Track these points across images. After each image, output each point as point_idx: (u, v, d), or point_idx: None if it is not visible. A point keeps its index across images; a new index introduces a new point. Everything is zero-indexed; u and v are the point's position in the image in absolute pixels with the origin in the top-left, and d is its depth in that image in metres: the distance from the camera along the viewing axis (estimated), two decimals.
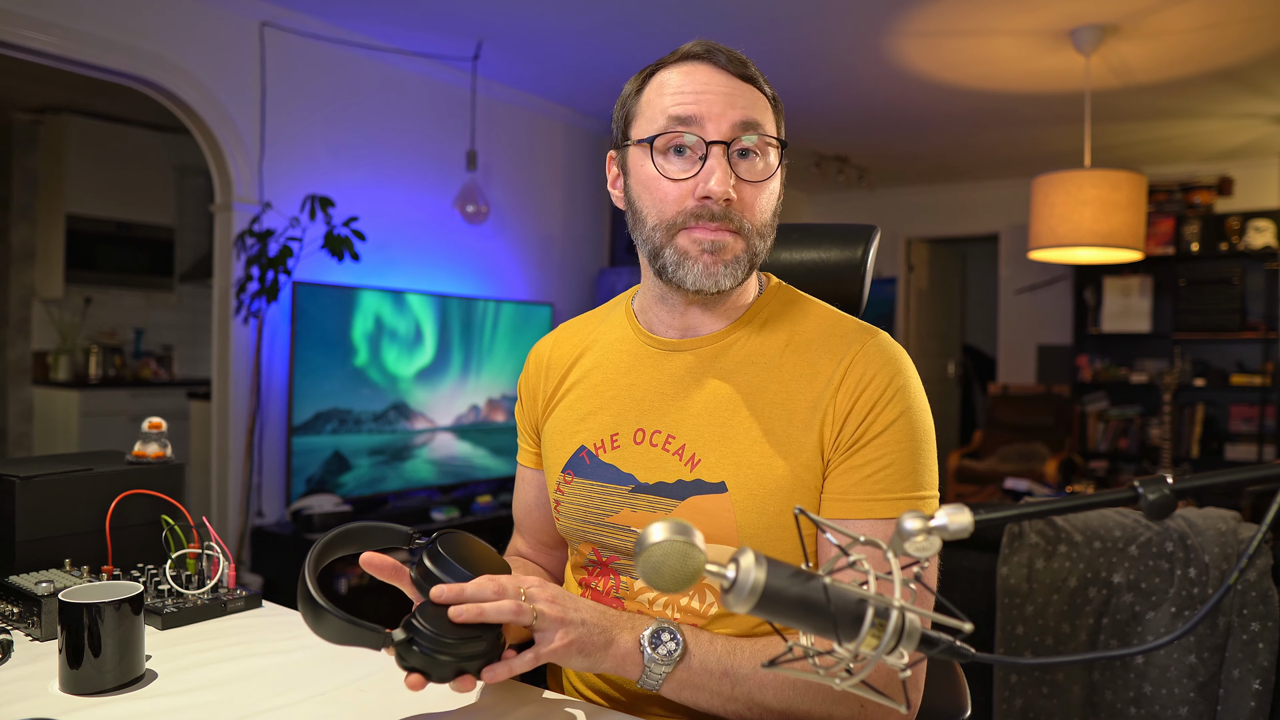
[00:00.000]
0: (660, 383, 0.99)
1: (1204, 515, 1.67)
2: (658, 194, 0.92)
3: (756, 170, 0.92)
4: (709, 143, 0.89)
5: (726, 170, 0.88)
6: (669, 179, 0.91)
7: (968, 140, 5.20)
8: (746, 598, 0.55)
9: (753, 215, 0.92)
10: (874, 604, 0.56)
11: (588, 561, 1.02)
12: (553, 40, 3.75)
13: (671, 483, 0.94)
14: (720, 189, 0.88)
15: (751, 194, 0.91)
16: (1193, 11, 3.20)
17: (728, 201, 0.89)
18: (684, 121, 0.89)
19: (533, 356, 1.13)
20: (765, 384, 0.94)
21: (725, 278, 0.91)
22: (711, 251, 0.90)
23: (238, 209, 3.44)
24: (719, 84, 0.90)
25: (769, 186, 0.93)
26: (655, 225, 0.93)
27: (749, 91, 0.91)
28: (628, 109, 0.96)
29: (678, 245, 0.91)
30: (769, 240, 0.96)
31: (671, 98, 0.91)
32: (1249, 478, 0.56)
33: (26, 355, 5.07)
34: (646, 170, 0.92)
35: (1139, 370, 5.63)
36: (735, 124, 0.89)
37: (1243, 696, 1.52)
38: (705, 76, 0.91)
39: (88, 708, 0.87)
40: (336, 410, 3.54)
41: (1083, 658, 0.53)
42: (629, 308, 1.06)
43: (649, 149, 0.91)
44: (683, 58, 0.93)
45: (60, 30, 2.92)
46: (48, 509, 1.18)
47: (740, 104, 0.90)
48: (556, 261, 4.83)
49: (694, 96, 0.90)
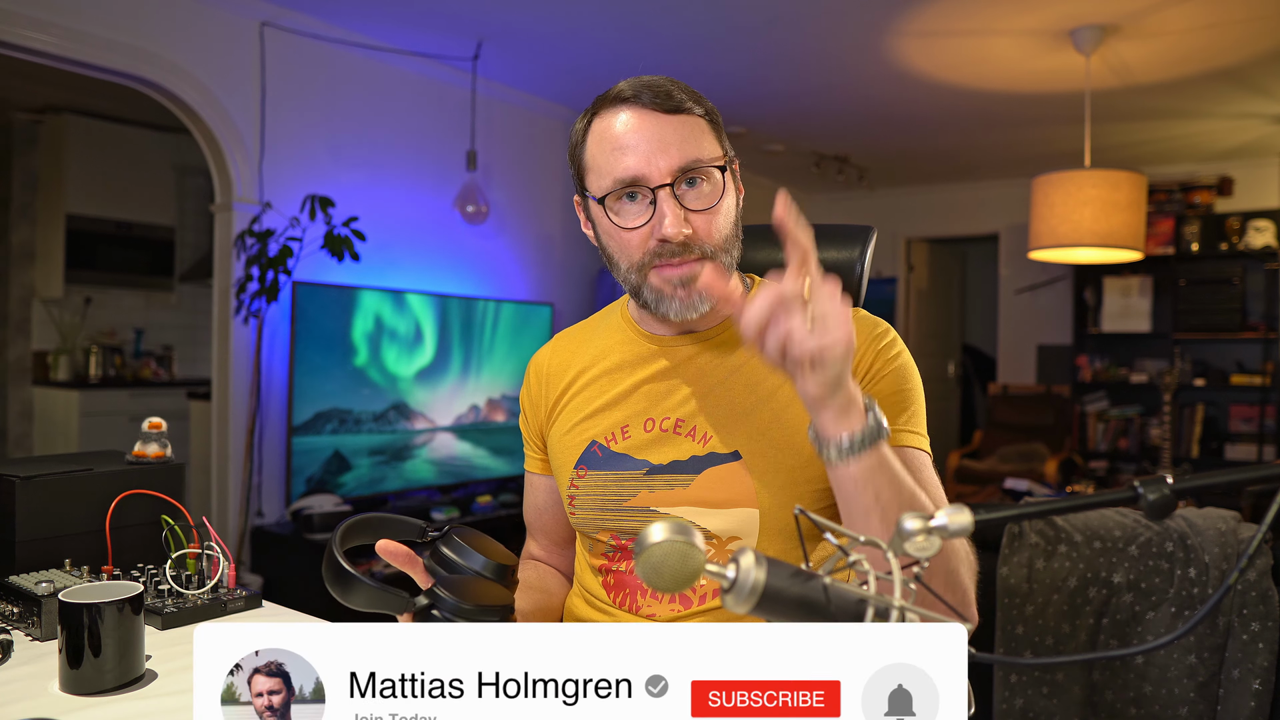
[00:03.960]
0: (664, 375, 1.04)
1: (1204, 515, 1.67)
2: (621, 242, 0.97)
3: (705, 196, 0.96)
4: (654, 189, 0.93)
5: (676, 210, 0.93)
6: (626, 229, 0.96)
7: (968, 140, 5.20)
8: (746, 598, 0.55)
9: (712, 238, 0.96)
10: (874, 604, 0.56)
11: (608, 549, 1.04)
12: (553, 40, 3.75)
13: (685, 459, 0.99)
14: (674, 231, 0.93)
15: (706, 220, 0.96)
16: (1193, 11, 3.20)
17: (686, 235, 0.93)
18: (627, 179, 0.94)
19: (532, 367, 1.16)
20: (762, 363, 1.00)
21: (703, 302, 0.97)
22: (684, 285, 0.96)
23: (238, 209, 3.44)
24: (650, 129, 0.94)
25: (722, 207, 0.97)
26: (628, 269, 0.98)
27: (680, 125, 0.95)
28: (579, 161, 1.01)
29: (651, 285, 0.97)
30: (736, 247, 1.00)
31: (614, 155, 0.95)
32: (1249, 478, 0.56)
33: (26, 355, 5.07)
34: (605, 223, 0.98)
35: (1139, 370, 5.63)
36: (674, 168, 0.93)
37: (1243, 696, 1.52)
38: (637, 123, 0.95)
39: (88, 708, 0.87)
40: (336, 410, 3.54)
41: (1083, 658, 0.54)
42: (624, 312, 1.11)
43: (605, 206, 0.97)
44: (614, 101, 0.97)
45: (60, 30, 2.92)
46: (48, 509, 1.18)
47: (674, 144, 0.94)
48: (556, 261, 4.83)
49: (631, 150, 0.94)
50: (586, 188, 1.00)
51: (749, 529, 0.96)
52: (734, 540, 0.97)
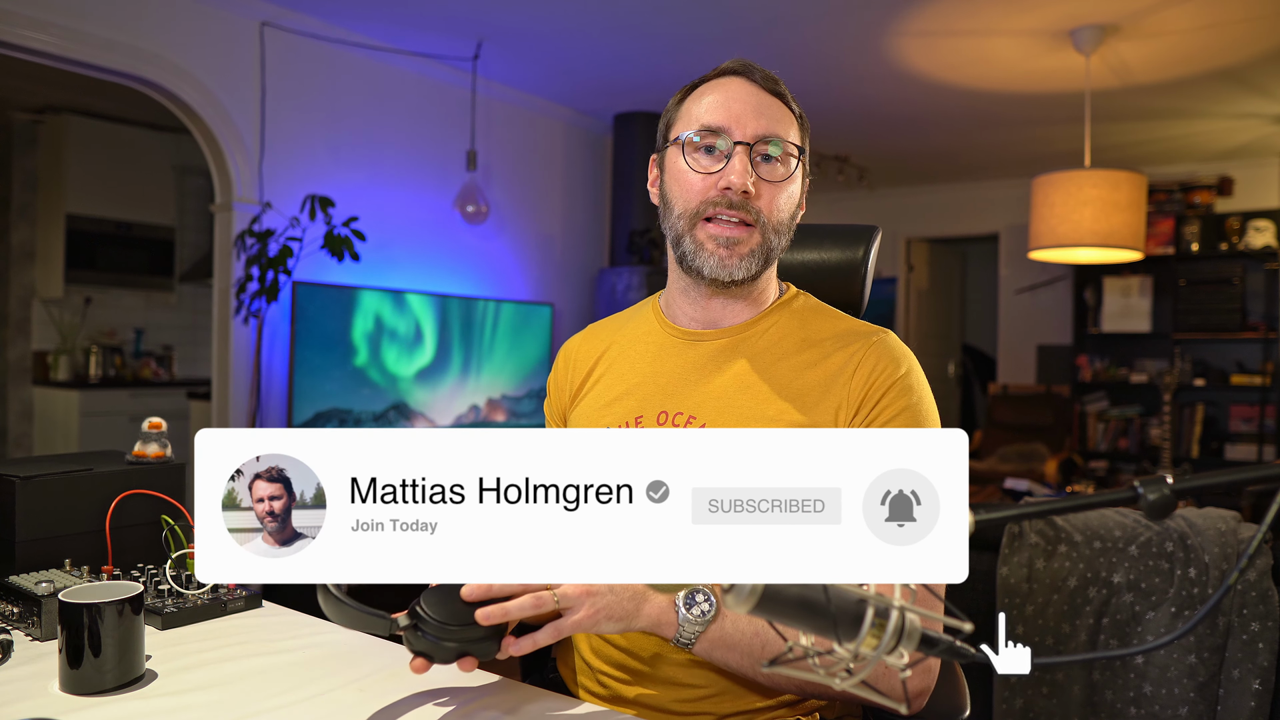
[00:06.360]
0: (684, 368, 1.07)
1: (1204, 515, 1.67)
2: (685, 185, 1.03)
3: (776, 173, 1.02)
4: (735, 143, 1.00)
5: (747, 167, 0.99)
6: (696, 172, 1.02)
7: (968, 140, 5.20)
8: (747, 598, 0.55)
9: (770, 211, 1.01)
10: (874, 604, 0.56)
11: None
12: (553, 40, 3.75)
13: None
14: (739, 180, 0.98)
15: (770, 192, 1.02)
16: (1193, 11, 3.20)
17: (745, 194, 0.99)
18: (714, 127, 1.00)
19: (562, 353, 1.21)
20: (781, 371, 1.03)
21: (739, 269, 1.01)
22: (726, 246, 1.01)
23: (238, 209, 3.44)
24: (749, 96, 1.02)
25: (787, 189, 1.03)
26: (680, 214, 1.03)
27: (776, 106, 1.03)
28: (669, 117, 1.08)
29: (696, 236, 1.02)
30: (785, 238, 1.05)
31: (706, 106, 1.02)
32: (1249, 478, 0.56)
33: (26, 355, 5.06)
34: (678, 165, 1.03)
35: (1139, 370, 5.62)
36: (759, 130, 1.00)
37: (1243, 696, 1.52)
38: (738, 90, 1.02)
39: (88, 708, 0.87)
40: (336, 410, 3.54)
41: (1083, 657, 0.54)
42: (655, 305, 1.15)
43: (682, 147, 1.03)
44: (721, 73, 1.04)
45: (60, 30, 2.92)
46: (48, 509, 1.18)
47: (766, 115, 1.01)
48: (556, 261, 4.83)
49: (725, 106, 1.01)
50: (668, 139, 1.06)
51: None
52: None
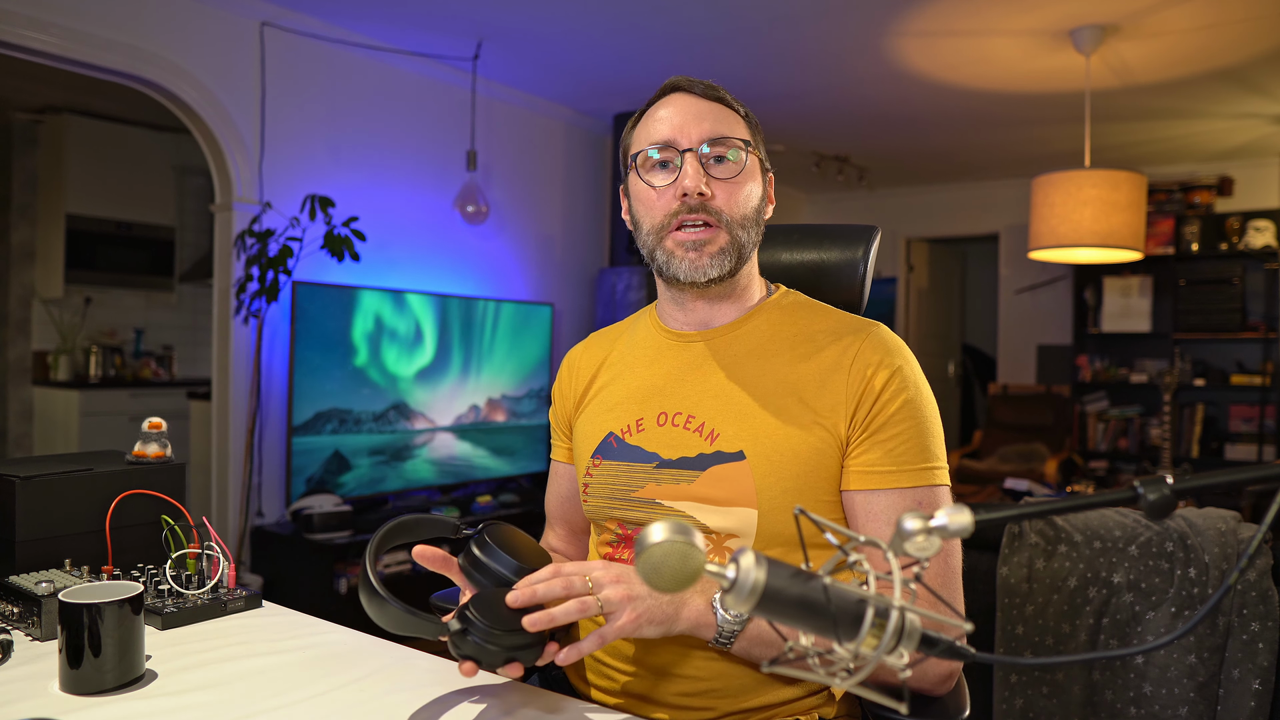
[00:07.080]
0: (680, 369, 1.09)
1: (1204, 515, 1.67)
2: (648, 203, 1.06)
3: (729, 170, 1.04)
4: (683, 151, 1.03)
5: (699, 170, 1.02)
6: (654, 188, 1.05)
7: (968, 140, 5.20)
8: (747, 597, 0.55)
9: (730, 208, 1.04)
10: (874, 604, 0.56)
11: (614, 538, 1.08)
12: (553, 40, 3.75)
13: (693, 456, 1.03)
14: (693, 184, 1.01)
15: (727, 190, 1.04)
16: (1193, 11, 3.20)
17: (702, 195, 1.02)
18: (663, 141, 1.04)
19: (565, 362, 1.24)
20: (775, 367, 1.04)
21: (711, 268, 1.03)
22: (695, 249, 1.03)
23: (238, 209, 3.44)
24: (690, 106, 1.05)
25: (744, 185, 1.05)
26: (649, 231, 1.06)
27: (718, 109, 1.06)
28: (624, 145, 1.12)
29: (666, 246, 1.05)
30: (754, 233, 1.07)
31: (653, 125, 1.06)
32: (1249, 478, 0.56)
33: (26, 355, 5.06)
34: (639, 186, 1.07)
35: (1139, 370, 5.62)
36: (704, 134, 1.03)
37: (1243, 696, 1.52)
38: (680, 103, 1.06)
39: (88, 708, 0.87)
40: (336, 410, 3.54)
41: (1083, 658, 0.54)
42: (652, 312, 1.19)
43: (638, 169, 1.07)
44: (662, 93, 1.08)
45: (60, 30, 2.92)
46: (48, 509, 1.18)
47: (709, 119, 1.04)
48: (556, 261, 4.83)
49: (668, 120, 1.05)
50: (627, 164, 1.10)
51: (747, 529, 0.99)
52: (731, 538, 0.99)
